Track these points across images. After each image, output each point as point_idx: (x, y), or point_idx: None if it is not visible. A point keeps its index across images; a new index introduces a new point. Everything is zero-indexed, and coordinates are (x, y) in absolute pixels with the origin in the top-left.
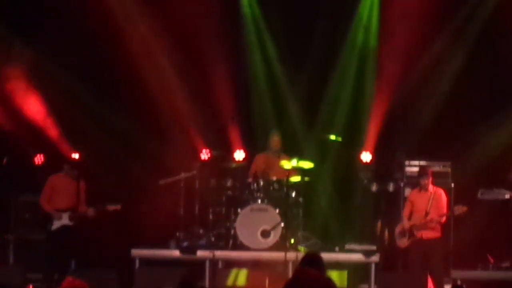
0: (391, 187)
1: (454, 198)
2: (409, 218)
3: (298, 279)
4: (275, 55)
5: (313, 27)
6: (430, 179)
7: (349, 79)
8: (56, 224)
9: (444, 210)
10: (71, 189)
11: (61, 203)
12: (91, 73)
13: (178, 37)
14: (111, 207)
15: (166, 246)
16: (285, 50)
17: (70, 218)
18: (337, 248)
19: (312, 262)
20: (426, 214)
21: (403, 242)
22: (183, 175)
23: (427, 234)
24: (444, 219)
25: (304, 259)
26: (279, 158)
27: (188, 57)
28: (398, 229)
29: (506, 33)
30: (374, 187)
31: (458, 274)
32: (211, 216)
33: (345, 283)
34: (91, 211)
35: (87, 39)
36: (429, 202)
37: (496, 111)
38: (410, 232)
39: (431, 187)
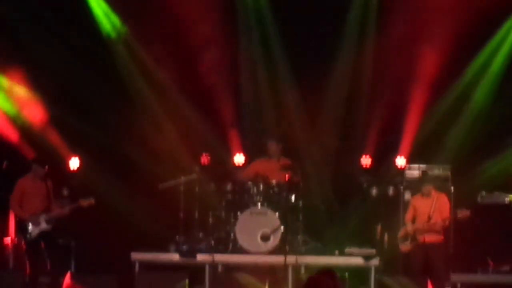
0: (391, 191)
1: (454, 201)
2: (412, 222)
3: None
4: (275, 59)
5: (312, 31)
6: (433, 184)
7: (348, 82)
8: (34, 231)
9: (447, 214)
10: (41, 190)
11: (33, 207)
12: (90, 76)
13: (179, 42)
14: (85, 202)
15: (166, 250)
16: (285, 54)
17: (47, 222)
18: (336, 252)
19: (327, 274)
20: (429, 218)
21: (405, 246)
22: (182, 179)
23: (430, 238)
24: (447, 222)
25: (320, 271)
26: (279, 162)
27: (188, 61)
28: (401, 233)
29: None
30: (374, 191)
31: (458, 277)
32: (211, 220)
33: (345, 287)
34: (66, 209)
35: (87, 42)
36: (432, 207)
37: (497, 113)
38: (412, 236)
39: (433, 192)
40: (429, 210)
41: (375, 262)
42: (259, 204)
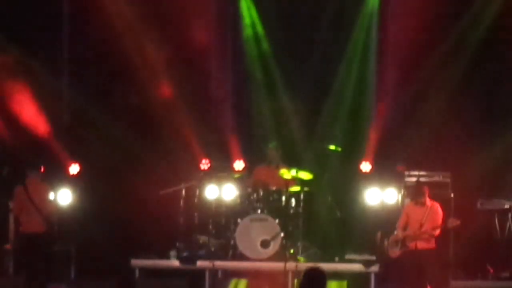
0: (390, 198)
1: (454, 208)
2: (404, 229)
3: None
4: (275, 66)
5: (313, 38)
6: (427, 195)
7: (349, 89)
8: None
9: (438, 223)
10: (37, 194)
11: (31, 210)
12: (92, 84)
13: (179, 49)
14: None
15: (166, 256)
16: (285, 61)
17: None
18: (337, 258)
19: (314, 279)
20: (421, 226)
21: (394, 252)
22: (183, 185)
23: (421, 245)
24: (438, 231)
25: (307, 276)
26: (278, 168)
27: (188, 68)
28: (391, 239)
29: (506, 43)
30: (373, 197)
31: (458, 284)
32: (211, 226)
33: None
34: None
35: (88, 49)
36: (425, 215)
37: (496, 121)
38: (402, 243)
39: (428, 201)
40: (422, 218)
41: (375, 268)
42: (259, 210)
